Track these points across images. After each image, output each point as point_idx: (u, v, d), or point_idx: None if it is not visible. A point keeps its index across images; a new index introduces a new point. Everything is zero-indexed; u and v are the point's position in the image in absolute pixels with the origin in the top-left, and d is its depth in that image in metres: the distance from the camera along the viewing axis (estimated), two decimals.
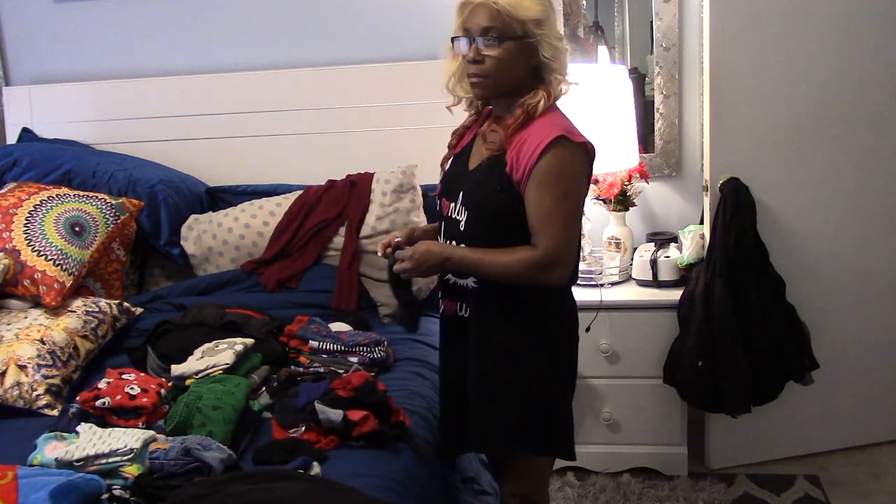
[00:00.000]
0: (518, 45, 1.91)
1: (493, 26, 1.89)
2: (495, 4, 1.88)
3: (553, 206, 1.90)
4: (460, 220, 2.02)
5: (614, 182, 3.02)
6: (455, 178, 2.08)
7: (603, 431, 3.02)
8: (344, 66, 3.27)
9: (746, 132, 2.82)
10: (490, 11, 1.89)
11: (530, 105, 1.93)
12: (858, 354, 3.05)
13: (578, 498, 2.89)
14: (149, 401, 2.15)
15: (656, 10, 3.10)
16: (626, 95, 2.95)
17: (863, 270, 3.00)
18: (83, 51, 3.45)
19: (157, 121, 3.37)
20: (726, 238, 2.77)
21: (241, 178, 3.30)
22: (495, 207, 1.96)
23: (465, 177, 2.05)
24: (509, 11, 1.87)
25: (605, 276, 3.02)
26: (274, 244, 3.00)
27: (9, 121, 3.48)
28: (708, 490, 2.89)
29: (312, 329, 2.56)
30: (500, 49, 1.90)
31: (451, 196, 2.06)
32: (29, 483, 1.72)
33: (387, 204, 2.97)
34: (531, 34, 1.90)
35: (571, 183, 1.93)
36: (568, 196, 1.92)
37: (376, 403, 2.07)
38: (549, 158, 1.88)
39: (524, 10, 1.88)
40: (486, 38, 1.90)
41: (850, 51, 2.83)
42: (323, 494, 1.73)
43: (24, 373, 2.43)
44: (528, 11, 1.88)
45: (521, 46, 1.91)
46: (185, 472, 1.86)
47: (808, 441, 3.08)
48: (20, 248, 2.72)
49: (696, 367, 2.79)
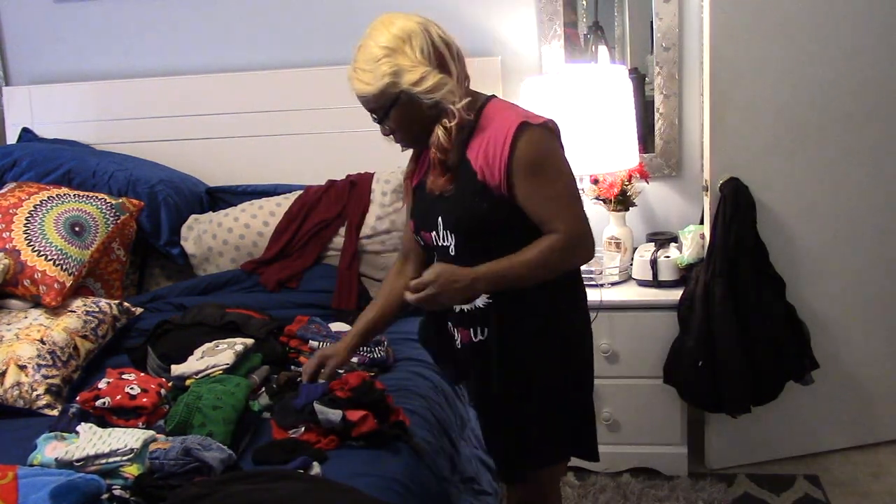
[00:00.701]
0: (397, 109, 1.91)
1: (371, 108, 1.95)
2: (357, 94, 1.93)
3: (551, 189, 1.88)
4: (448, 244, 1.98)
5: (614, 182, 3.01)
6: (426, 208, 2.03)
7: (603, 431, 3.01)
8: (344, 66, 3.22)
9: (746, 132, 2.82)
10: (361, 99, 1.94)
11: (435, 144, 1.91)
12: (858, 354, 3.05)
13: (578, 498, 2.89)
14: (149, 401, 2.15)
15: (656, 10, 3.10)
16: (626, 95, 2.95)
17: (863, 270, 3.00)
18: (83, 51, 3.45)
19: (157, 121, 3.37)
20: (726, 238, 2.77)
21: (241, 178, 3.30)
22: (479, 219, 1.91)
23: (435, 204, 1.99)
24: (365, 94, 1.91)
25: (605, 276, 3.02)
26: (274, 244, 3.00)
27: (9, 121, 3.48)
28: (708, 490, 2.89)
29: (312, 329, 2.56)
30: (390, 122, 1.94)
31: (429, 226, 2.02)
32: (29, 483, 1.72)
33: (387, 204, 2.98)
34: (395, 96, 1.89)
35: (555, 162, 1.91)
36: (559, 175, 1.90)
37: (374, 402, 2.07)
38: (523, 148, 1.85)
39: (372, 85, 1.88)
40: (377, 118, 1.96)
41: (850, 50, 2.83)
42: (323, 494, 1.73)
43: (24, 373, 2.43)
44: (375, 85, 1.88)
45: (400, 108, 1.90)
46: (185, 472, 1.86)
47: (808, 441, 3.08)
48: (20, 248, 2.72)
49: (696, 367, 2.79)
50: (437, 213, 1.99)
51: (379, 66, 1.87)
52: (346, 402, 2.06)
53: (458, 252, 1.97)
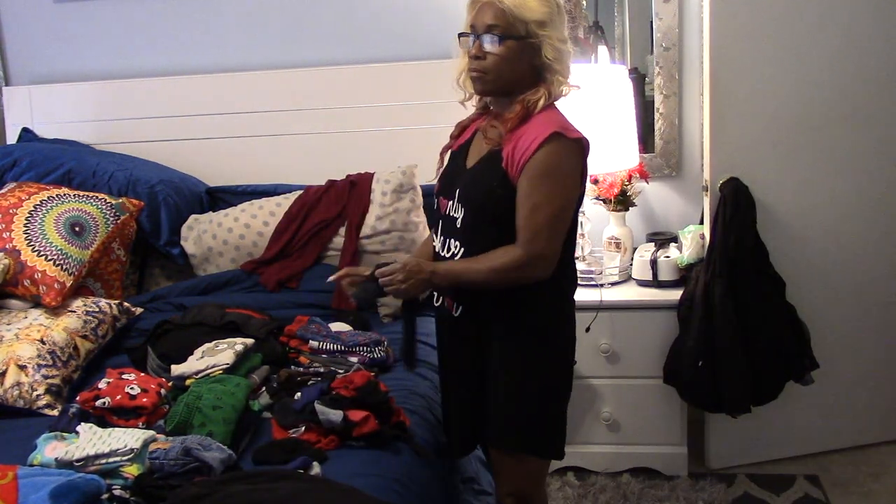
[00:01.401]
0: (520, 44, 1.93)
1: (497, 24, 1.92)
2: (500, 3, 1.91)
3: (541, 201, 1.92)
4: (457, 217, 2.04)
5: (614, 182, 3.02)
6: (452, 176, 2.10)
7: (603, 431, 3.02)
8: (344, 66, 3.27)
9: (746, 132, 2.82)
10: (495, 10, 1.92)
11: (530, 101, 1.96)
12: (858, 354, 3.05)
13: (578, 498, 2.89)
14: (149, 401, 2.15)
15: (656, 10, 3.10)
16: (626, 95, 2.95)
17: (863, 270, 3.00)
18: (83, 51, 3.45)
19: (157, 121, 3.37)
20: (726, 238, 2.77)
21: (241, 178, 3.30)
22: (492, 204, 1.98)
23: (462, 174, 2.06)
24: (513, 11, 1.90)
25: (605, 276, 3.01)
26: (274, 244, 3.00)
27: (9, 121, 3.48)
28: (708, 490, 2.89)
29: (312, 329, 2.56)
30: (501, 47, 1.93)
31: (449, 194, 2.08)
32: (29, 483, 1.72)
33: (387, 204, 2.98)
34: (534, 35, 1.92)
35: (562, 180, 1.95)
36: (557, 193, 1.94)
37: (377, 404, 2.07)
38: (543, 154, 1.91)
39: (528, 10, 1.91)
40: (489, 35, 1.93)
41: (850, 50, 2.83)
42: (323, 494, 1.73)
43: (24, 373, 2.43)
44: (532, 13, 1.91)
45: (523, 46, 1.93)
46: (185, 472, 1.86)
47: (808, 441, 3.08)
48: (20, 248, 2.72)
49: (696, 367, 2.79)
50: (458, 184, 2.04)
51: (542, 3, 1.93)
52: (350, 401, 2.06)
53: (463, 226, 2.02)
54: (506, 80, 1.97)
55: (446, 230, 2.08)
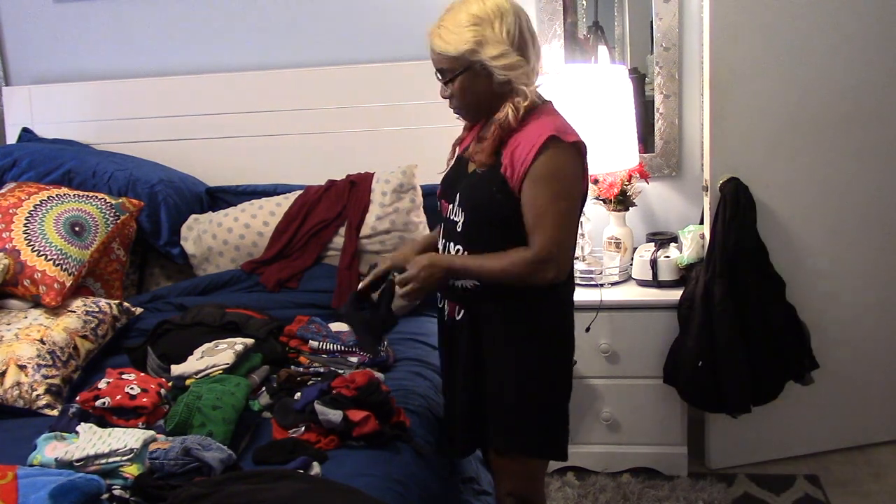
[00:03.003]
0: (467, 76, 1.97)
1: (441, 68, 2.01)
2: (434, 49, 1.97)
3: (546, 205, 1.94)
4: (457, 221, 2.06)
5: (614, 182, 3.01)
6: (453, 180, 2.12)
7: (603, 431, 3.02)
8: (344, 66, 3.27)
9: (746, 132, 2.82)
10: (434, 56, 2.00)
11: (501, 120, 1.98)
12: (858, 354, 3.05)
13: (578, 498, 2.89)
14: (149, 401, 2.15)
15: (656, 10, 3.10)
16: (626, 95, 2.95)
17: (863, 270, 3.00)
18: (83, 51, 3.45)
19: (157, 121, 3.37)
20: (726, 238, 2.77)
21: (241, 178, 3.30)
22: (491, 209, 2.00)
23: (462, 179, 2.08)
24: (445, 52, 1.95)
25: (605, 276, 3.01)
26: (274, 244, 3.00)
27: (9, 121, 3.48)
28: (708, 490, 2.89)
29: (312, 329, 2.56)
30: (453, 86, 2.00)
31: (449, 198, 2.10)
32: (29, 483, 1.72)
33: (387, 204, 2.98)
34: (471, 64, 1.95)
35: (565, 182, 1.97)
36: (561, 196, 1.96)
37: (378, 404, 2.07)
38: (543, 160, 1.93)
39: (455, 45, 1.94)
40: (440, 79, 2.02)
41: (850, 50, 2.83)
42: (323, 494, 1.73)
43: (24, 373, 2.43)
44: (459, 44, 1.93)
45: (471, 76, 1.97)
46: (185, 472, 1.86)
47: (808, 441, 3.08)
48: (20, 248, 2.72)
49: (696, 367, 2.79)
50: (458, 189, 2.07)
51: (464, 31, 1.93)
52: (351, 400, 2.06)
53: (463, 230, 2.05)
54: (476, 107, 2.04)
55: (447, 233, 2.11)
